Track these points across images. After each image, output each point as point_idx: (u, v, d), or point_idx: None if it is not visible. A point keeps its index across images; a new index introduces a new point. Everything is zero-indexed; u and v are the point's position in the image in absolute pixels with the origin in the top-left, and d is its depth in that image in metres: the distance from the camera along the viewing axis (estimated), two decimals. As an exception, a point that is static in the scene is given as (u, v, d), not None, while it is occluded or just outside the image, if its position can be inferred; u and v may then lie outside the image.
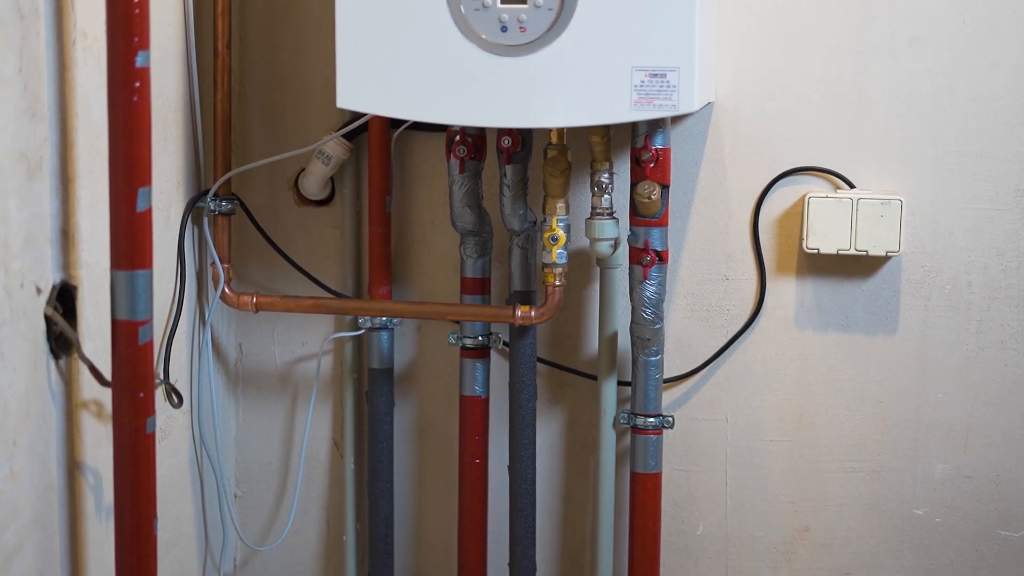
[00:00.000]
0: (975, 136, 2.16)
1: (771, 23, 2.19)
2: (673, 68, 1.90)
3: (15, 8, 1.66)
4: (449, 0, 1.93)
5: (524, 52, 1.93)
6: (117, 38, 1.69)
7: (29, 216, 1.72)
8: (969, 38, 2.14)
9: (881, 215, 2.14)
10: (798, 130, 2.21)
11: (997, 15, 2.13)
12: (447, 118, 2.00)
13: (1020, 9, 2.12)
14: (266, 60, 2.36)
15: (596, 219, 2.12)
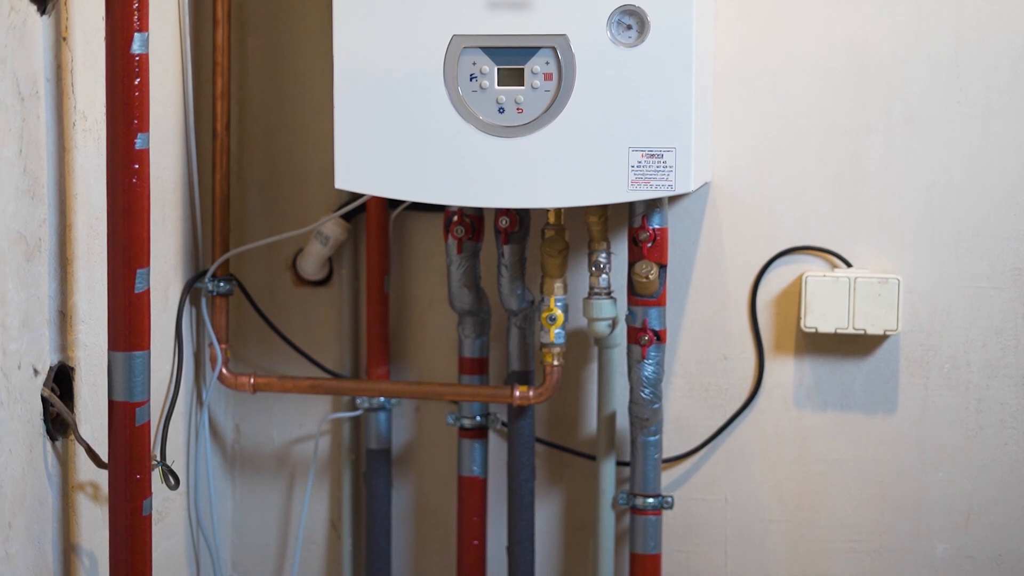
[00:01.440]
0: (971, 215, 2.17)
1: (767, 103, 2.20)
2: (670, 148, 1.91)
3: (15, 91, 1.67)
4: (447, 82, 1.94)
5: (521, 133, 1.94)
6: (117, 120, 1.70)
7: (27, 297, 1.72)
8: (964, 117, 2.15)
9: (879, 294, 2.14)
10: (795, 209, 2.22)
11: (991, 95, 2.14)
12: (445, 199, 2.01)
13: (1014, 89, 2.13)
14: (265, 141, 2.37)
15: (594, 299, 2.12)
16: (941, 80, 2.15)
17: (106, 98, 1.72)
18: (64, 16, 1.78)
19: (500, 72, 1.94)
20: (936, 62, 2.15)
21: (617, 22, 1.90)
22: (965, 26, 2.14)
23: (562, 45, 1.91)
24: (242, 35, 2.35)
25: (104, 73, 1.72)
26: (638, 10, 1.89)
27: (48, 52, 1.76)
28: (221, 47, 2.27)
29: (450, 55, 1.94)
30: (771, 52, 2.19)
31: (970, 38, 2.14)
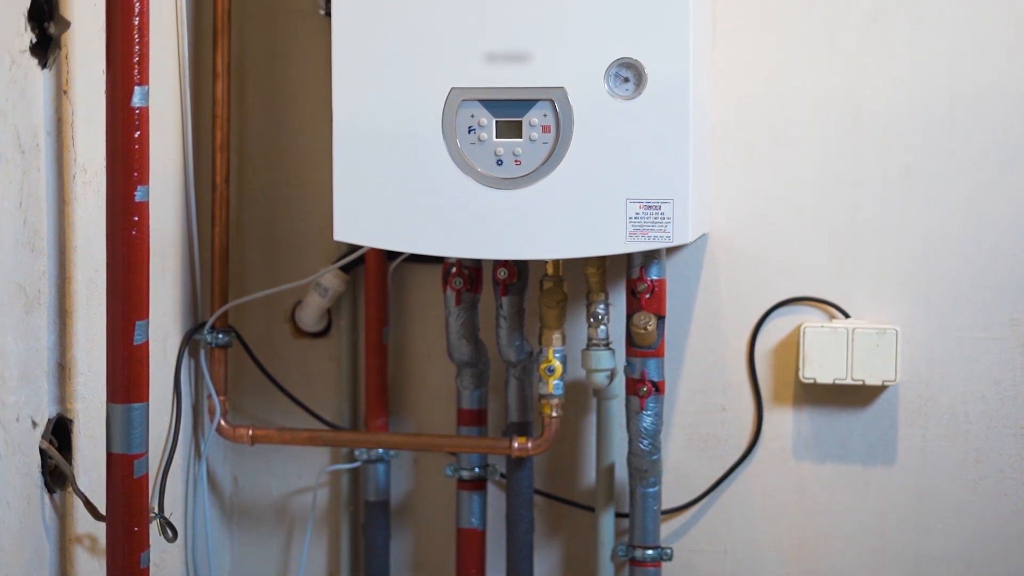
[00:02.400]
0: (968, 266, 2.17)
1: (764, 155, 2.21)
2: (667, 200, 1.91)
3: (16, 144, 1.68)
4: (445, 134, 1.95)
5: (519, 185, 1.94)
6: (117, 173, 1.71)
7: (26, 349, 1.72)
8: (960, 169, 2.16)
9: (877, 345, 2.15)
10: (793, 260, 2.22)
11: (987, 147, 2.15)
12: (443, 250, 2.01)
13: (1009, 141, 2.14)
14: (264, 193, 2.38)
15: (592, 350, 2.13)
16: (937, 132, 2.16)
17: (106, 151, 1.73)
18: (65, 69, 1.79)
19: (498, 124, 1.95)
20: (932, 114, 2.16)
21: (615, 75, 1.91)
22: (960, 78, 2.15)
23: (560, 98, 1.92)
24: (242, 88, 2.36)
25: (104, 126, 1.73)
26: (635, 63, 1.90)
27: (49, 105, 1.77)
28: (221, 100, 2.28)
29: (448, 108, 1.95)
30: (768, 104, 2.21)
31: (965, 90, 2.15)
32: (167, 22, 2.16)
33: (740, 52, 2.20)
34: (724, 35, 2.20)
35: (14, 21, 1.69)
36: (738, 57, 2.20)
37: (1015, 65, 2.13)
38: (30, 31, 1.72)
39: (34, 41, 1.73)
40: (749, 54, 2.21)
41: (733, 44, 2.20)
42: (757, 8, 2.20)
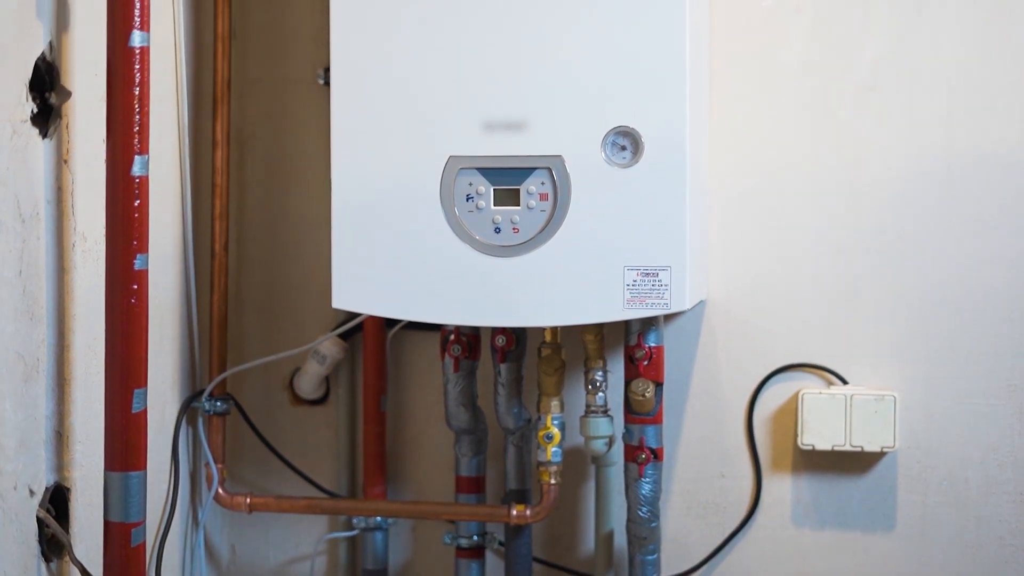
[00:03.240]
0: (966, 331, 2.18)
1: (761, 221, 2.22)
2: (665, 267, 1.92)
3: (16, 213, 1.69)
4: (444, 202, 1.96)
5: (517, 253, 1.95)
6: (116, 241, 1.72)
7: (24, 418, 1.72)
8: (957, 234, 2.17)
9: (875, 411, 2.15)
10: (790, 326, 2.23)
11: (983, 212, 2.16)
12: (442, 318, 2.01)
13: (1005, 205, 2.15)
14: (263, 261, 2.39)
15: (591, 417, 2.12)
16: (933, 197, 2.17)
17: (106, 219, 1.74)
18: (65, 139, 1.80)
19: (496, 192, 1.96)
20: (928, 180, 2.17)
21: (612, 143, 1.92)
22: (956, 144, 2.16)
23: (557, 166, 1.93)
24: (241, 156, 2.38)
25: (104, 194, 1.74)
26: (632, 131, 1.91)
27: (49, 174, 1.78)
28: (220, 168, 2.29)
29: (447, 176, 1.96)
30: (765, 171, 2.22)
31: (962, 156, 2.16)
32: (167, 91, 2.18)
33: (737, 119, 2.22)
34: (720, 102, 2.21)
35: (15, 91, 1.70)
36: (735, 124, 2.22)
37: (1010, 131, 2.15)
38: (31, 101, 1.73)
39: (35, 111, 1.74)
40: (746, 121, 2.22)
41: (729, 111, 2.22)
42: (753, 75, 2.22)
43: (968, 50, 2.15)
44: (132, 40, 1.72)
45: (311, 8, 2.36)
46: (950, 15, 2.16)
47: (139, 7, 1.72)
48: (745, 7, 2.21)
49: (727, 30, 2.21)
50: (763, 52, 2.22)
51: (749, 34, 2.22)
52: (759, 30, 2.21)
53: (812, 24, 2.20)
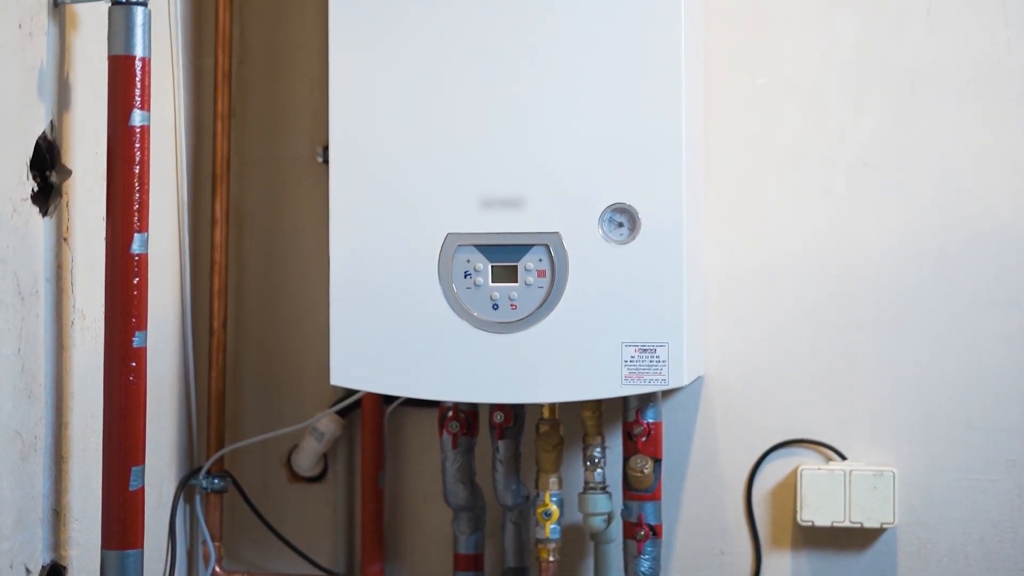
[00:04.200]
0: (964, 407, 2.18)
1: (759, 297, 2.23)
2: (662, 344, 1.92)
3: (16, 291, 1.69)
4: (442, 279, 1.97)
5: (515, 329, 1.96)
6: (115, 319, 1.72)
7: (21, 496, 1.72)
8: (953, 311, 2.18)
9: (874, 487, 2.14)
10: (788, 402, 2.23)
11: (979, 289, 2.16)
12: (440, 394, 2.01)
13: (1001, 282, 2.16)
14: (261, 338, 2.39)
15: (589, 494, 2.12)
16: (929, 274, 2.18)
17: (105, 297, 1.74)
18: (65, 217, 1.81)
19: (494, 269, 1.96)
20: (924, 257, 2.18)
21: (609, 220, 1.94)
22: (951, 221, 2.17)
23: (555, 243, 1.94)
24: (240, 233, 2.39)
25: (103, 272, 1.74)
26: (629, 208, 1.93)
27: (49, 252, 1.79)
28: (220, 246, 2.30)
29: (445, 252, 1.97)
30: (762, 246, 2.23)
31: (956, 233, 2.17)
32: (167, 169, 2.19)
33: (733, 195, 2.23)
34: (717, 178, 2.23)
35: (16, 170, 1.71)
36: (731, 200, 2.23)
37: (1005, 208, 2.16)
38: (32, 179, 1.74)
39: (36, 190, 1.75)
40: (742, 197, 2.23)
41: (726, 187, 2.23)
42: (749, 152, 2.23)
43: (962, 128, 2.17)
44: (133, 119, 1.73)
45: (310, 87, 2.38)
46: (943, 93, 2.17)
47: (140, 87, 1.74)
48: (740, 85, 2.23)
49: (723, 107, 2.23)
50: (758, 129, 2.23)
51: (744, 111, 2.23)
52: (754, 108, 2.23)
53: (806, 102, 2.22)
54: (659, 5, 1.93)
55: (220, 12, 2.31)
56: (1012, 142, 2.16)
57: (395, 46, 1.99)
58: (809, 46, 2.22)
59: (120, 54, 1.74)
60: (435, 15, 1.98)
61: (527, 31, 1.95)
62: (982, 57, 2.16)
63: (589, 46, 1.94)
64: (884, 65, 2.19)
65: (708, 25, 2.22)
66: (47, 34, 1.77)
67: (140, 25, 1.74)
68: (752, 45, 2.23)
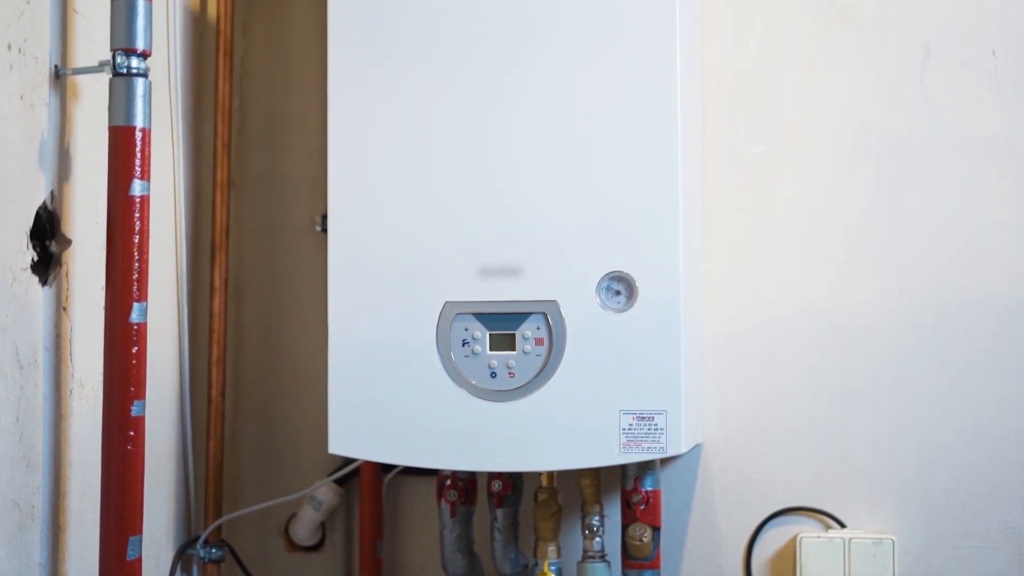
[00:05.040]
0: (962, 473, 2.17)
1: (756, 365, 2.23)
2: (660, 411, 1.92)
3: (15, 360, 1.70)
4: (440, 347, 1.97)
5: (513, 397, 1.96)
6: (114, 388, 1.73)
7: (18, 566, 1.71)
8: (951, 377, 2.18)
9: (874, 555, 2.13)
10: (787, 470, 2.22)
11: (976, 356, 2.17)
12: (438, 463, 2.01)
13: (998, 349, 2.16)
14: (259, 406, 2.39)
15: (588, 562, 2.11)
16: (927, 340, 2.19)
17: (104, 366, 1.74)
18: (65, 286, 1.82)
19: (492, 337, 1.97)
20: (920, 323, 2.19)
21: (606, 288, 1.94)
22: (947, 287, 2.18)
23: (552, 311, 1.95)
24: (239, 302, 2.39)
25: (102, 341, 1.75)
26: (626, 276, 1.93)
27: (48, 321, 1.79)
28: (218, 314, 2.31)
29: (443, 321, 1.98)
30: (758, 313, 2.23)
31: (953, 299, 2.18)
32: (166, 238, 2.20)
33: (730, 262, 2.24)
34: (714, 245, 2.24)
35: (17, 239, 1.72)
36: (729, 267, 2.24)
37: (1001, 275, 2.17)
38: (32, 249, 1.75)
39: (35, 259, 1.76)
40: (739, 264, 2.24)
41: (723, 254, 2.24)
42: (746, 219, 2.24)
43: (957, 193, 2.18)
44: (133, 189, 1.74)
45: (308, 157, 2.39)
46: (939, 160, 2.19)
47: (140, 157, 1.75)
48: (737, 153, 2.25)
49: (720, 175, 2.24)
50: (755, 196, 2.24)
51: (741, 179, 2.25)
52: (751, 175, 2.24)
53: (802, 169, 2.23)
54: (655, 76, 1.94)
55: (220, 82, 2.33)
56: (1008, 208, 2.17)
57: (393, 116, 2.00)
58: (804, 114, 2.24)
59: (121, 125, 1.75)
60: (433, 86, 1.99)
61: (524, 100, 1.97)
62: (977, 124, 2.18)
63: (586, 115, 1.95)
64: (879, 132, 2.21)
65: (704, 94, 2.24)
66: (48, 105, 1.78)
67: (141, 96, 1.76)
68: (747, 114, 2.25)
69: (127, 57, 1.76)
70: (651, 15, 1.94)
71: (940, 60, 2.19)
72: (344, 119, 2.02)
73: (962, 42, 2.19)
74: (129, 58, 1.76)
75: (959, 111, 2.19)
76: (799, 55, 2.24)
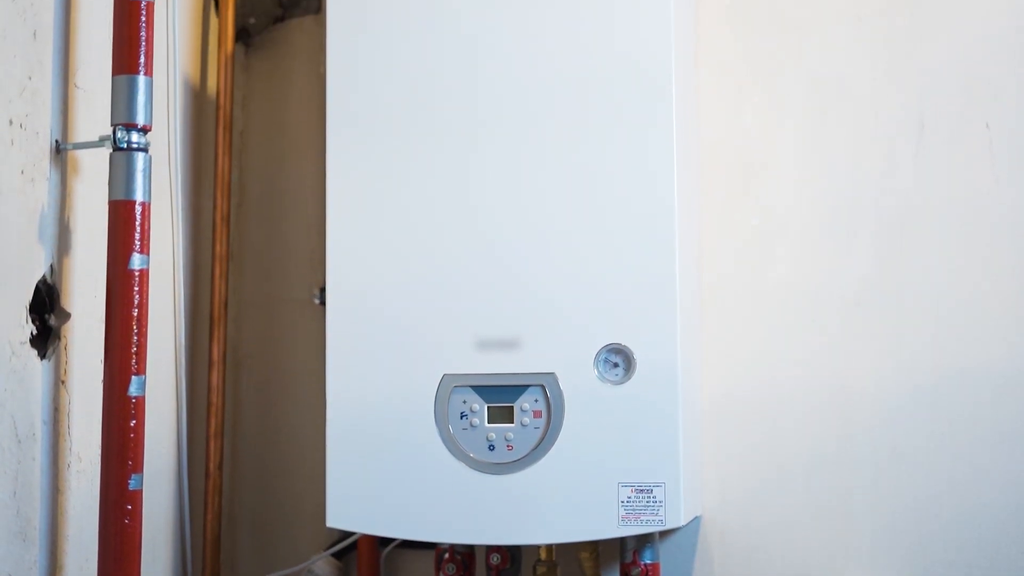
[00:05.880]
0: (962, 547, 2.16)
1: (754, 436, 2.23)
2: (659, 484, 1.92)
3: (13, 434, 1.70)
4: (438, 420, 1.97)
5: (512, 470, 1.96)
6: (111, 462, 1.72)
7: (14, 642, 1.70)
8: (950, 450, 2.17)
9: (874, 628, 2.12)
10: (786, 543, 2.21)
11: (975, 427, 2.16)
12: (436, 536, 2.01)
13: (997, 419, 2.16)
14: (257, 479, 2.38)
15: (587, 636, 2.10)
16: (925, 414, 2.18)
17: (102, 440, 1.74)
18: (64, 359, 1.82)
19: (490, 410, 1.97)
20: (918, 395, 2.19)
21: (604, 360, 1.95)
22: (944, 359, 2.18)
23: (550, 383, 1.95)
24: (237, 375, 2.39)
25: (100, 414, 1.75)
26: (624, 348, 1.94)
27: (47, 395, 1.79)
28: (216, 387, 2.31)
29: (441, 394, 1.98)
30: (757, 386, 2.23)
31: (950, 371, 2.18)
32: (165, 311, 2.20)
33: (728, 334, 2.24)
34: (711, 316, 2.24)
35: (16, 313, 1.73)
36: (726, 339, 2.24)
37: (997, 345, 2.17)
38: (31, 323, 1.76)
39: (34, 333, 1.76)
40: (737, 336, 2.24)
41: (721, 326, 2.24)
42: (743, 291, 2.25)
43: (953, 266, 2.19)
44: (132, 263, 1.75)
45: (307, 230, 2.41)
46: (935, 232, 2.20)
47: (139, 231, 1.76)
48: (734, 224, 2.26)
49: (717, 246, 2.25)
50: (752, 268, 2.25)
51: (739, 250, 2.26)
52: (748, 248, 2.25)
53: (798, 242, 2.24)
54: (653, 149, 1.96)
55: (220, 156, 2.35)
56: (1004, 280, 2.18)
57: (391, 189, 2.02)
58: (800, 187, 2.25)
59: (121, 199, 1.76)
60: (431, 159, 2.01)
61: (522, 173, 1.98)
62: (972, 197, 2.19)
63: (584, 188, 1.96)
64: (875, 205, 2.22)
65: (701, 167, 2.26)
66: (49, 179, 1.79)
67: (140, 171, 1.77)
68: (744, 185, 2.27)
69: (127, 132, 1.77)
70: (649, 89, 1.96)
71: (934, 133, 2.21)
72: (342, 192, 2.03)
73: (956, 116, 2.20)
74: (129, 133, 1.77)
75: (954, 184, 2.20)
76: (794, 128, 2.26)
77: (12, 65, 1.71)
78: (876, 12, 2.24)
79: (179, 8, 2.25)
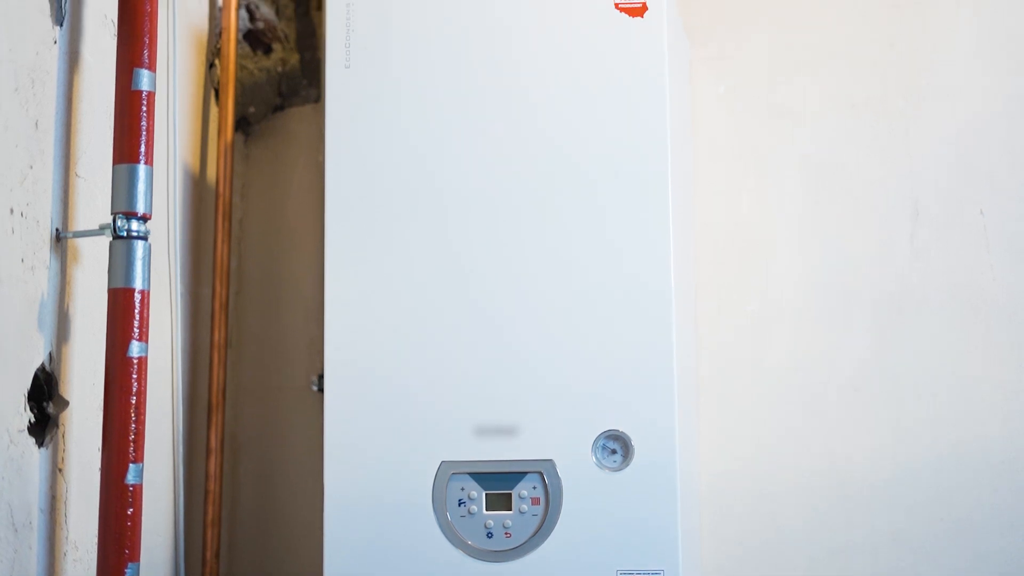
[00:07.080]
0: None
1: (753, 522, 2.22)
2: (658, 571, 1.91)
3: (10, 522, 1.69)
4: (436, 507, 1.97)
5: (510, 558, 1.95)
6: (108, 550, 1.72)
7: None
8: (948, 533, 2.17)
9: None
10: (787, 630, 2.21)
11: (974, 514, 2.16)
12: (434, 624, 2.00)
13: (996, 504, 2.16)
14: (254, 567, 2.37)
15: None
16: (923, 496, 2.18)
17: (99, 528, 1.73)
18: (61, 447, 1.82)
19: (488, 497, 1.96)
20: (917, 480, 2.18)
21: (602, 447, 1.94)
22: (943, 443, 2.18)
23: (548, 470, 1.95)
24: (235, 463, 2.39)
25: (98, 502, 1.74)
26: (622, 435, 1.94)
27: (44, 483, 1.78)
28: (214, 475, 2.30)
29: (439, 480, 1.97)
30: (755, 472, 2.23)
31: (949, 454, 2.18)
32: (163, 399, 2.20)
33: (727, 420, 2.25)
34: (709, 402, 2.24)
35: (14, 401, 1.72)
36: (725, 425, 2.24)
37: (995, 430, 2.17)
38: (29, 411, 1.75)
39: (32, 421, 1.76)
40: (736, 421, 2.25)
41: (719, 412, 2.24)
42: (741, 375, 2.25)
43: (949, 350, 2.20)
44: (131, 350, 1.75)
45: (305, 318, 2.41)
46: (930, 316, 2.21)
47: (139, 319, 1.76)
48: (731, 308, 2.27)
49: (714, 333, 2.26)
50: (749, 353, 2.26)
51: (736, 335, 2.26)
52: (745, 332, 2.26)
53: (795, 327, 2.25)
54: (650, 236, 1.97)
55: (219, 243, 2.36)
56: (997, 363, 2.18)
57: (389, 276, 2.02)
58: (796, 271, 2.26)
59: (120, 287, 1.77)
60: (428, 247, 2.02)
61: (519, 261, 1.99)
62: (967, 281, 2.20)
63: (580, 274, 1.97)
64: (870, 289, 2.23)
65: (697, 250, 2.27)
66: (48, 267, 1.80)
67: (140, 259, 1.78)
68: (741, 269, 2.28)
69: (127, 220, 1.78)
70: (644, 172, 1.97)
71: (929, 219, 2.22)
72: (340, 279, 2.04)
73: (951, 201, 2.22)
74: (129, 221, 1.78)
75: (949, 268, 2.21)
76: (790, 213, 2.27)
77: (14, 155, 1.72)
78: (869, 99, 2.26)
79: (179, 98, 2.27)
